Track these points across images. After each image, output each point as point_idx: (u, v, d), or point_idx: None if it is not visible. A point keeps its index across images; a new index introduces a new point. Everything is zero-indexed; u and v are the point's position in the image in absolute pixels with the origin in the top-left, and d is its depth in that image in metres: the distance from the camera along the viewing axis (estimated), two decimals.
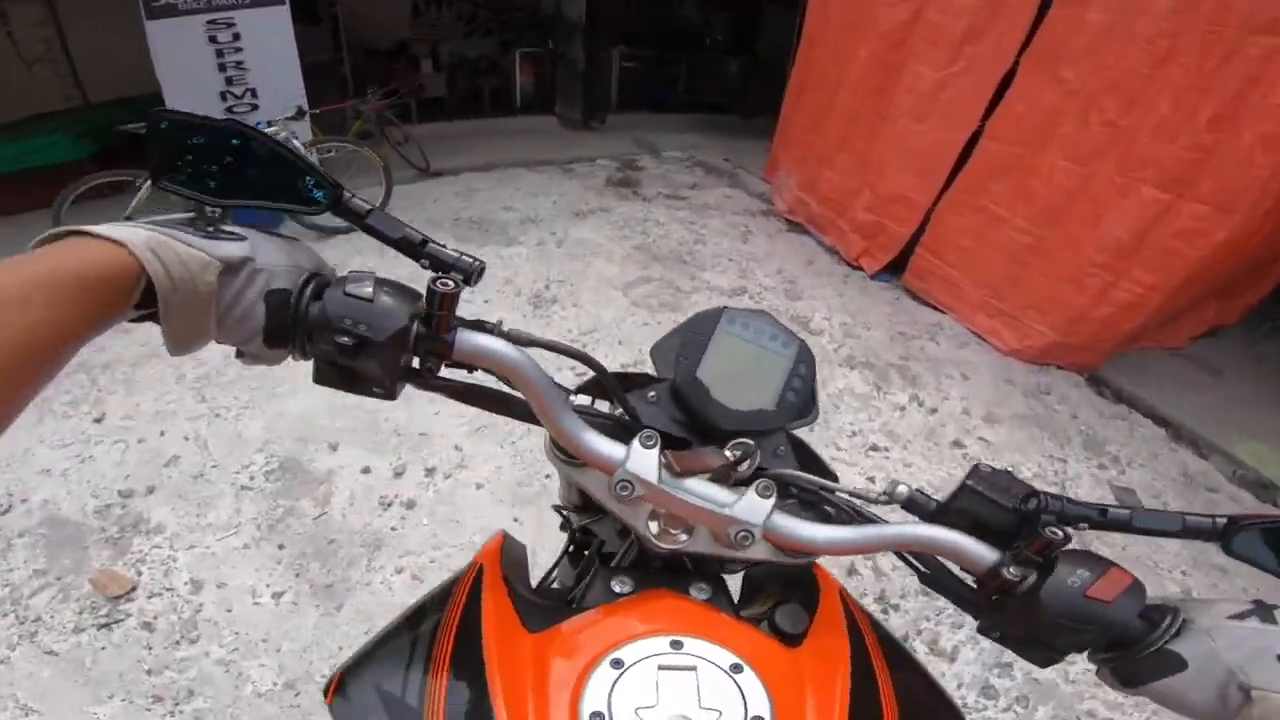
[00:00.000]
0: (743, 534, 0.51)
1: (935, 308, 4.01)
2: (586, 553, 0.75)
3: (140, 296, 0.40)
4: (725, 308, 0.61)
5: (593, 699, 0.45)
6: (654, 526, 0.55)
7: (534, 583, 0.74)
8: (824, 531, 0.53)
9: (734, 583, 0.66)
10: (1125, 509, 0.51)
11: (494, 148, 6.95)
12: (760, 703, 0.46)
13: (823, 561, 0.65)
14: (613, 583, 0.58)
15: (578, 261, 4.35)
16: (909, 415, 3.11)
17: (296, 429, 2.63)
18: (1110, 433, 3.11)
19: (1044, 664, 0.52)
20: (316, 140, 4.95)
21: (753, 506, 0.51)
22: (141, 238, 0.40)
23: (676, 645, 0.49)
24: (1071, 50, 3.08)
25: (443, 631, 0.54)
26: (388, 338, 0.45)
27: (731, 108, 9.40)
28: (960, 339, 3.78)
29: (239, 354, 0.49)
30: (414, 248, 0.51)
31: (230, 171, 0.49)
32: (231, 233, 0.45)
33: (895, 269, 4.25)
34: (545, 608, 0.59)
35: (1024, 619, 0.49)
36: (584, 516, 0.75)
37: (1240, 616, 0.45)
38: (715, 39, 9.88)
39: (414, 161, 6.15)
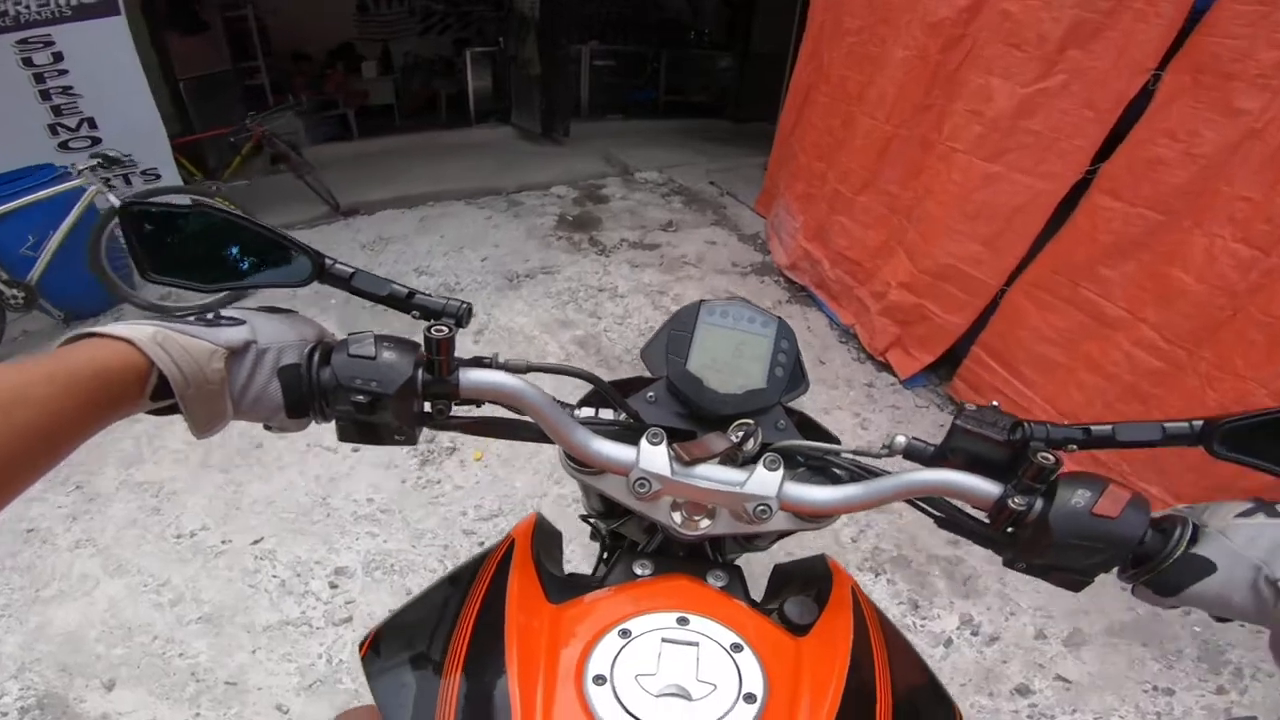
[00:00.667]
0: (760, 507, 0.53)
1: None
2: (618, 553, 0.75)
3: (154, 389, 0.43)
4: (703, 301, 0.64)
5: (598, 663, 0.49)
6: (677, 517, 0.59)
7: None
8: (835, 492, 0.55)
9: (763, 581, 0.70)
10: (1107, 425, 0.52)
11: (431, 172, 5.71)
12: (755, 682, 0.48)
13: (841, 520, 0.71)
14: (635, 565, 0.62)
15: None
16: (957, 652, 1.93)
17: (63, 653, 1.86)
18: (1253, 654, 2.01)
19: (1076, 588, 0.52)
20: (186, 187, 4.01)
21: (764, 480, 0.54)
22: (147, 334, 0.43)
23: (683, 621, 0.52)
24: (1258, 63, 1.84)
25: (471, 596, 0.58)
26: (397, 389, 0.49)
27: (722, 111, 8.13)
28: None
29: (266, 426, 0.52)
30: (402, 302, 0.54)
31: (212, 254, 0.54)
32: (231, 319, 0.48)
33: (937, 369, 3.02)
34: (569, 584, 0.63)
35: (1040, 546, 0.50)
36: (610, 521, 0.79)
37: (1247, 514, 0.47)
38: (702, 32, 8.57)
39: (322, 195, 4.92)
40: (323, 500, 2.22)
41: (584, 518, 0.88)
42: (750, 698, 0.47)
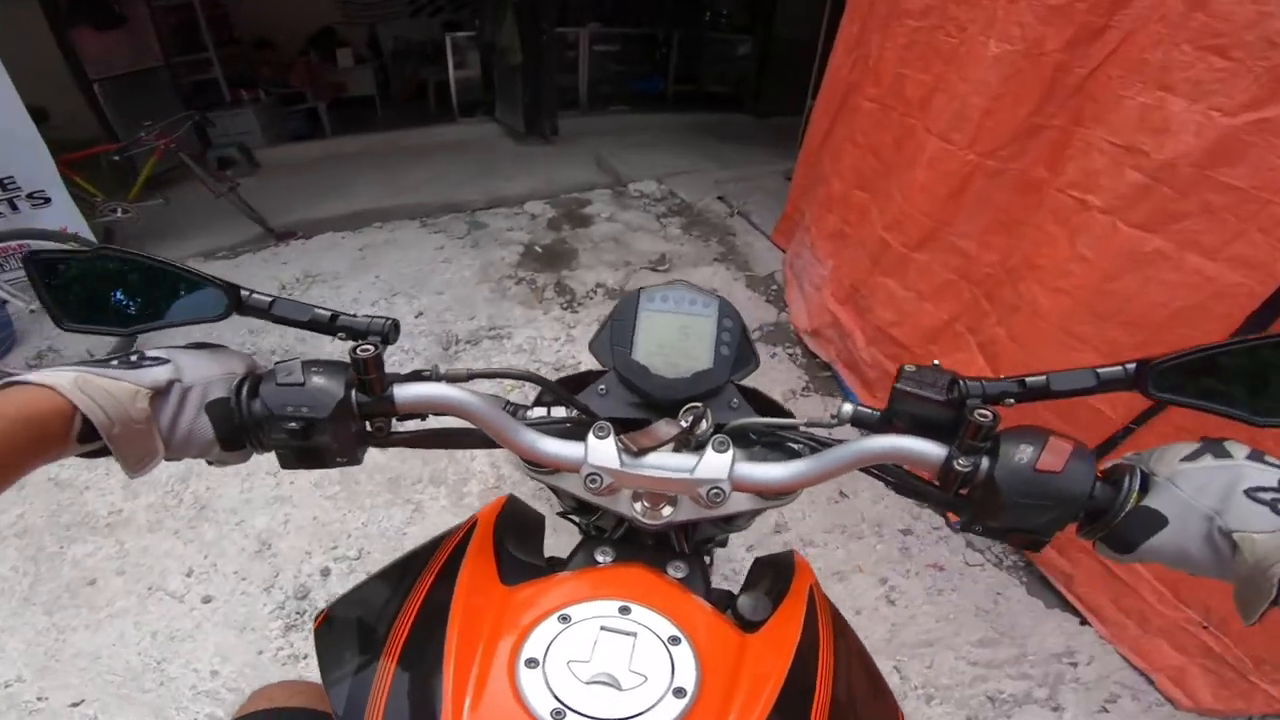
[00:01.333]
0: (714, 491, 0.52)
1: (1074, 610, 1.90)
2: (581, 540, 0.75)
3: (80, 432, 0.43)
4: (642, 288, 0.63)
5: (532, 647, 0.49)
6: (639, 507, 0.58)
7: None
8: (787, 468, 0.53)
9: (742, 573, 0.69)
10: (1041, 375, 0.50)
11: (393, 180, 4.82)
12: (688, 675, 0.48)
13: (806, 493, 0.68)
14: (596, 552, 0.61)
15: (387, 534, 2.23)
16: None
17: None
18: None
19: (1036, 549, 0.51)
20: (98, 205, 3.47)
21: (713, 464, 0.52)
22: (68, 379, 0.43)
23: (624, 610, 0.52)
24: None
25: (423, 576, 0.58)
26: (330, 412, 0.48)
27: (740, 103, 7.07)
28: (1108, 687, 1.72)
29: (208, 461, 0.51)
30: (326, 325, 0.53)
31: (124, 297, 0.53)
32: (155, 358, 0.48)
33: None
34: (528, 568, 0.62)
35: (992, 507, 0.48)
36: (586, 515, 0.77)
37: (1193, 457, 0.44)
38: (720, 12, 7.47)
39: (250, 215, 4.06)
40: (158, 664, 1.80)
41: (560, 514, 0.84)
42: (680, 692, 0.47)
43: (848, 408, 0.53)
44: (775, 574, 0.65)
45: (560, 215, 4.26)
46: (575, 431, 0.57)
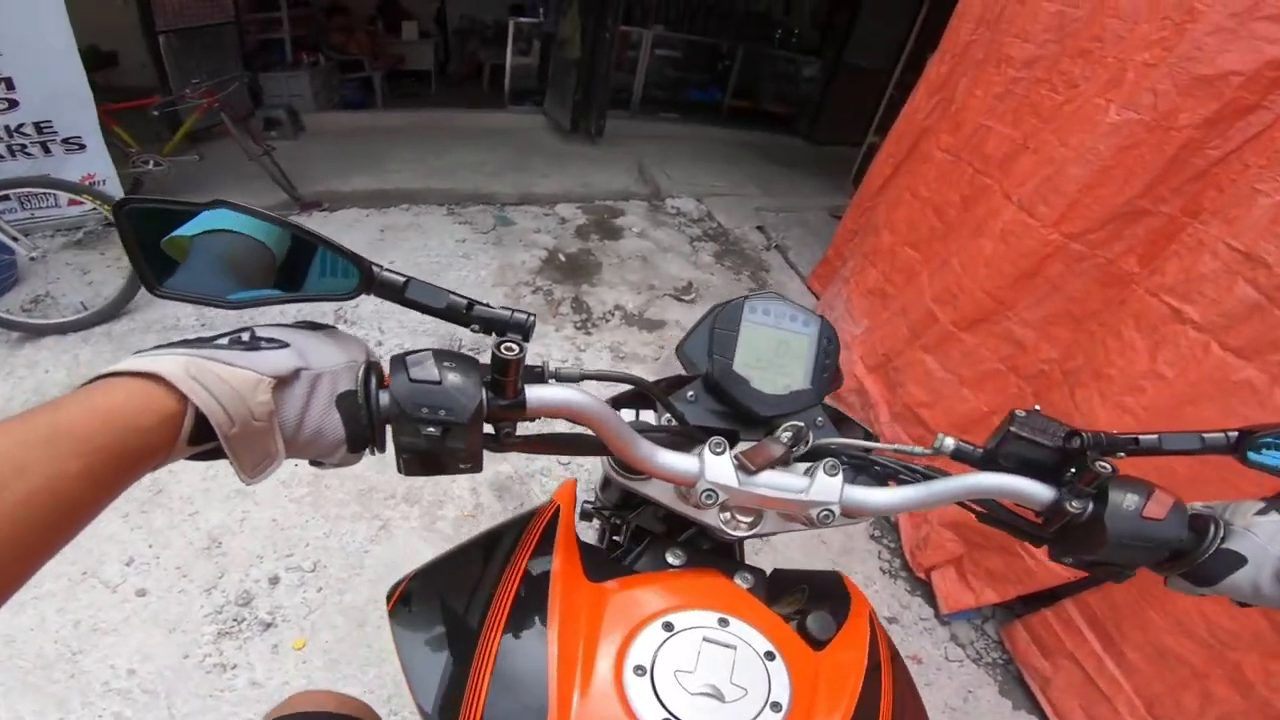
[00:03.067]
0: (824, 513, 0.54)
1: (1041, 714, 1.82)
2: (617, 538, 0.78)
3: (192, 434, 0.36)
4: (746, 297, 0.62)
5: (639, 653, 0.49)
6: (724, 517, 0.59)
7: None
8: (895, 495, 0.55)
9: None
10: (1154, 434, 0.54)
11: (430, 161, 4.69)
12: (783, 691, 0.49)
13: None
14: (667, 554, 0.62)
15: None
16: None
17: None
18: None
19: (1118, 579, 0.55)
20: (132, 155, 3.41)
21: (826, 486, 0.54)
22: (178, 365, 0.35)
23: (723, 623, 0.53)
24: None
25: (514, 561, 0.57)
26: (469, 417, 0.43)
27: (797, 126, 6.82)
28: None
29: (314, 463, 0.44)
30: (461, 314, 0.49)
31: (235, 263, 0.45)
32: (272, 340, 0.41)
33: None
34: (604, 560, 0.63)
35: (1092, 544, 0.52)
36: (624, 513, 0.78)
37: (1263, 512, 0.51)
38: (791, 31, 7.22)
39: (279, 181, 3.96)
40: (73, 655, 1.67)
41: (595, 509, 0.87)
42: (776, 706, 0.48)
43: (949, 441, 0.55)
44: (826, 593, 0.66)
45: (590, 223, 4.07)
46: (676, 441, 0.57)
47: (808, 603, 0.64)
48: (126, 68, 5.28)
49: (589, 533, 1.17)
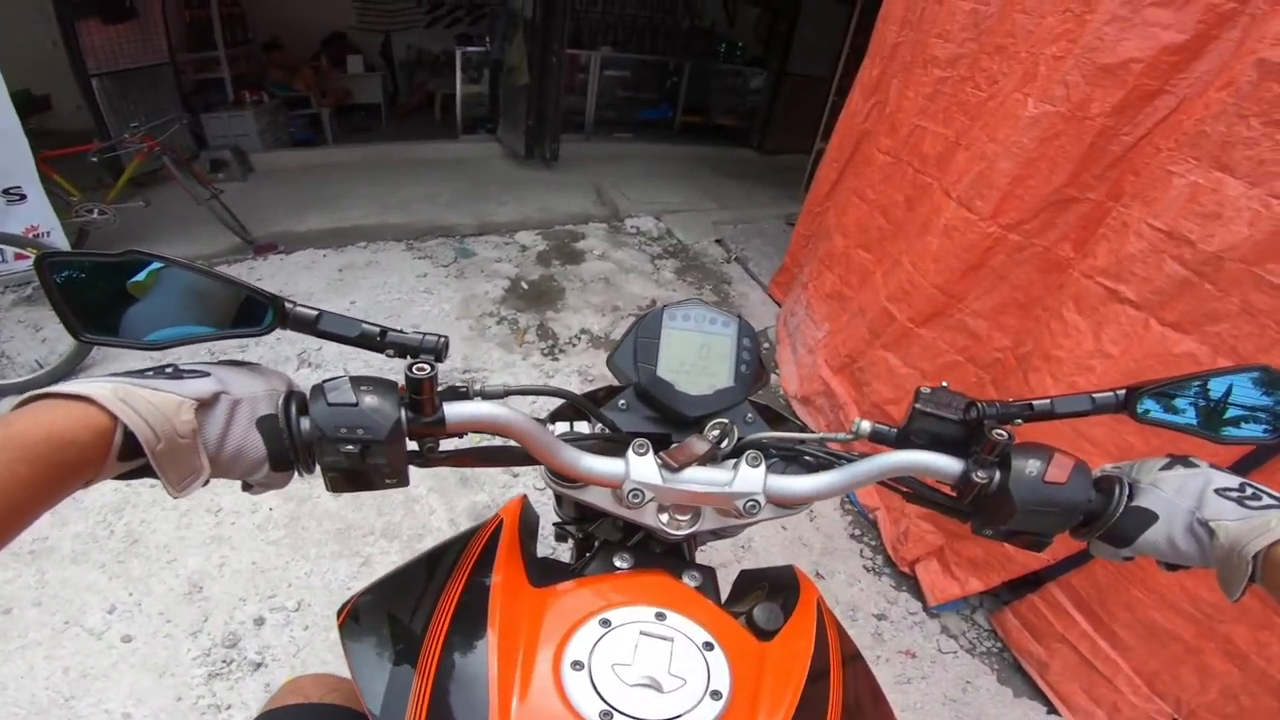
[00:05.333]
0: (749, 503, 0.56)
1: (1043, 699, 1.84)
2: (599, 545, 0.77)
3: (121, 449, 0.39)
4: (665, 306, 0.66)
5: (576, 650, 0.50)
6: (664, 518, 0.61)
7: None
8: (816, 480, 0.58)
9: (727, 582, 0.69)
10: (1046, 399, 0.57)
11: (385, 196, 4.66)
12: (722, 679, 0.50)
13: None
14: (615, 558, 0.63)
15: None
16: None
17: None
18: None
19: (1038, 549, 0.56)
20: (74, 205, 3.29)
21: (749, 478, 0.56)
22: (108, 389, 0.39)
23: (660, 617, 0.54)
24: None
25: (456, 572, 0.59)
26: (387, 434, 0.46)
27: (748, 138, 6.97)
28: None
29: (245, 486, 0.48)
30: (375, 342, 0.52)
31: (154, 307, 0.47)
32: (194, 370, 0.45)
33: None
34: (550, 568, 0.64)
35: (1003, 514, 0.53)
36: (586, 525, 0.80)
37: (1168, 468, 0.53)
38: (735, 44, 7.40)
39: (230, 225, 3.89)
40: (66, 700, 1.68)
41: (558, 525, 0.88)
42: (716, 694, 0.49)
43: (866, 424, 0.58)
44: (780, 586, 0.67)
45: (551, 249, 4.09)
46: (607, 448, 0.58)
47: (766, 598, 0.65)
48: (61, 112, 5.14)
49: (565, 554, 1.19)
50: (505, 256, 3.94)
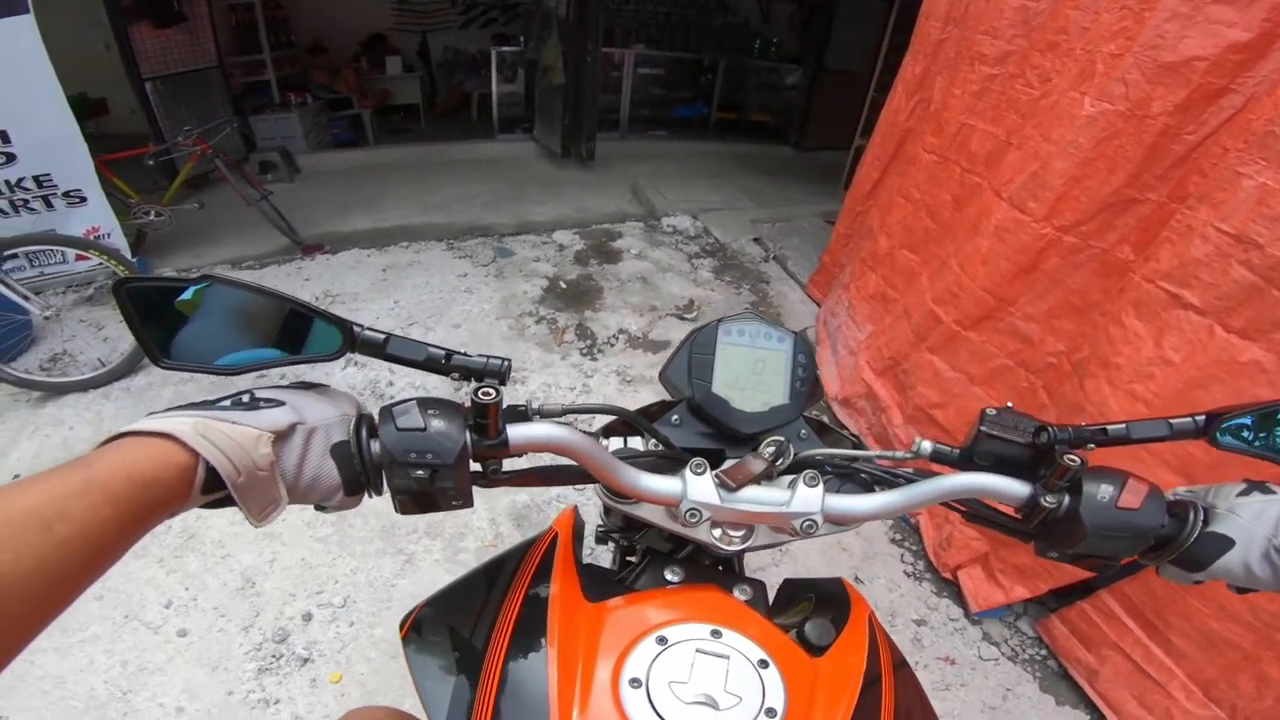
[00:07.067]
0: (807, 523, 0.55)
1: (1088, 706, 1.82)
2: (631, 559, 0.81)
3: (204, 484, 0.40)
4: (721, 320, 0.65)
5: (634, 667, 0.51)
6: (716, 533, 0.60)
7: None
8: (876, 500, 0.56)
9: (773, 588, 0.71)
10: (1121, 424, 0.55)
11: (425, 196, 4.76)
12: (777, 697, 0.50)
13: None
14: (666, 571, 0.65)
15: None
16: None
17: None
18: None
19: (1104, 571, 0.56)
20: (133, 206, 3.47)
21: (807, 498, 0.55)
22: (188, 425, 0.40)
23: (715, 634, 0.54)
24: None
25: (515, 586, 0.60)
26: (454, 459, 0.46)
27: (784, 135, 6.89)
28: None
29: (318, 507, 0.49)
30: (441, 365, 0.52)
31: (229, 332, 0.49)
32: (269, 400, 0.46)
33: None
34: (603, 580, 0.64)
35: (1070, 537, 0.52)
36: (629, 536, 0.80)
37: (1245, 494, 0.51)
38: (770, 40, 7.33)
39: (279, 226, 4.01)
40: (123, 695, 1.73)
41: (603, 533, 0.89)
42: (771, 712, 0.49)
43: (926, 444, 0.56)
44: (829, 599, 0.66)
45: (589, 248, 4.11)
46: (662, 464, 0.58)
47: (813, 610, 0.65)
48: (116, 115, 5.36)
49: (605, 556, 1.19)
50: (543, 256, 3.98)
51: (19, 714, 1.69)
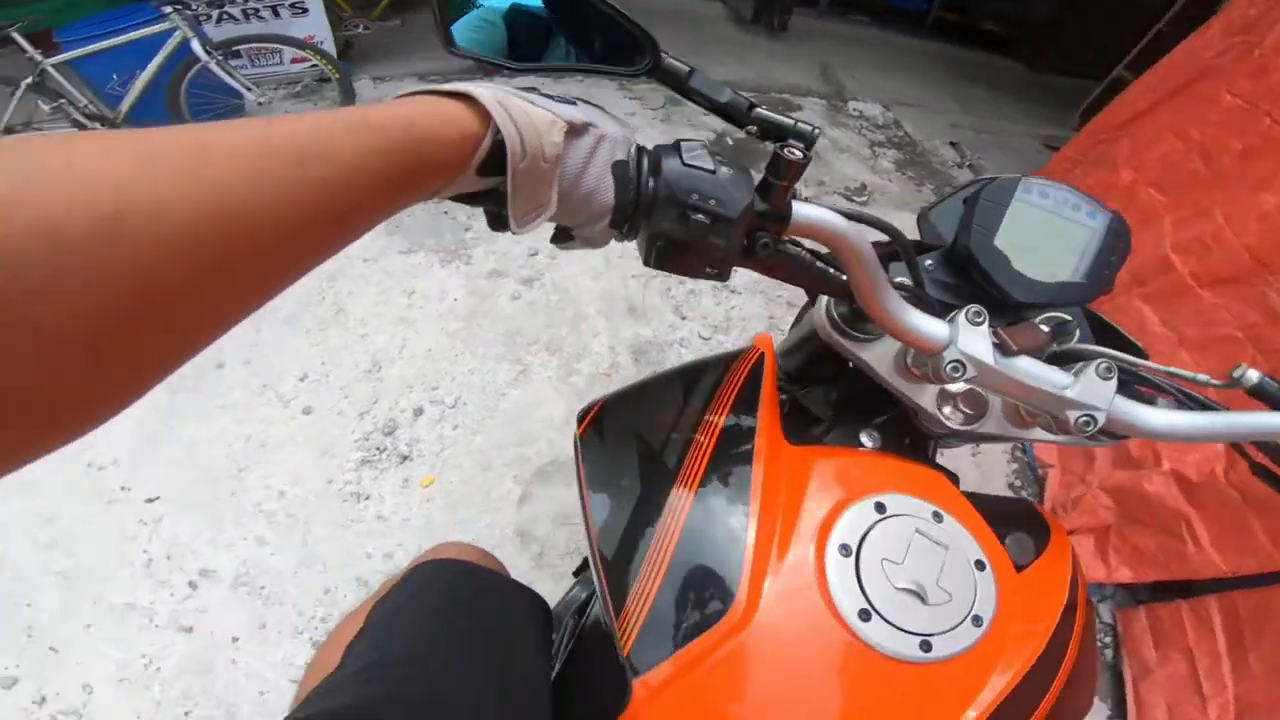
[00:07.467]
0: (1085, 419, 0.45)
1: (1115, 703, 1.73)
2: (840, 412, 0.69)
3: (483, 162, 0.36)
4: (1024, 176, 0.55)
5: (845, 532, 0.46)
6: (946, 409, 0.54)
7: None
8: (1172, 419, 0.47)
9: None
10: None
11: None
12: (987, 605, 0.46)
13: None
14: (862, 434, 0.57)
15: None
16: None
17: None
18: None
19: None
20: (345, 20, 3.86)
21: (1096, 390, 0.45)
22: (490, 91, 0.36)
23: (938, 518, 0.49)
24: None
25: (714, 408, 0.53)
26: (740, 213, 0.41)
27: (1018, 50, 5.91)
28: None
29: (557, 238, 0.45)
30: (741, 114, 0.47)
31: (528, 29, 0.46)
32: (562, 99, 0.41)
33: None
34: (800, 422, 0.58)
35: None
36: (795, 388, 0.67)
37: None
38: None
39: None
40: (237, 472, 1.84)
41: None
42: (978, 620, 0.45)
43: (1253, 374, 0.46)
44: (1019, 520, 0.59)
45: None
46: (924, 307, 0.49)
47: (1008, 527, 0.58)
48: None
49: None
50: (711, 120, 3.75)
51: (141, 484, 1.79)
